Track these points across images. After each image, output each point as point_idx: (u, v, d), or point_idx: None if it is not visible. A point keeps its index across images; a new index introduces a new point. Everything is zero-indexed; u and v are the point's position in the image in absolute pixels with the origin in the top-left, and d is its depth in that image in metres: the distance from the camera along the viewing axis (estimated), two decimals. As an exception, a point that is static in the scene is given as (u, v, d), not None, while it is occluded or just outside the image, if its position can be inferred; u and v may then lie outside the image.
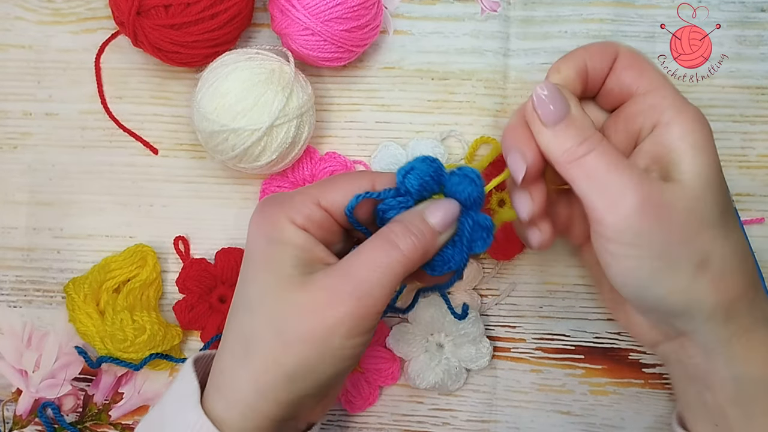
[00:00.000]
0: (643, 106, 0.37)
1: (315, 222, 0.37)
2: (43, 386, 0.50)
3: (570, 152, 0.35)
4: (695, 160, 0.35)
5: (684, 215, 0.35)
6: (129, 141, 0.51)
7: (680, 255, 0.35)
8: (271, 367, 0.35)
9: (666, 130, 0.36)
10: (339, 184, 0.38)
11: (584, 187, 0.35)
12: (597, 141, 0.35)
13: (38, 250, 0.51)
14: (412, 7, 0.51)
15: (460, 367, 0.49)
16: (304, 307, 0.35)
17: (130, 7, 0.44)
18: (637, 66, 0.38)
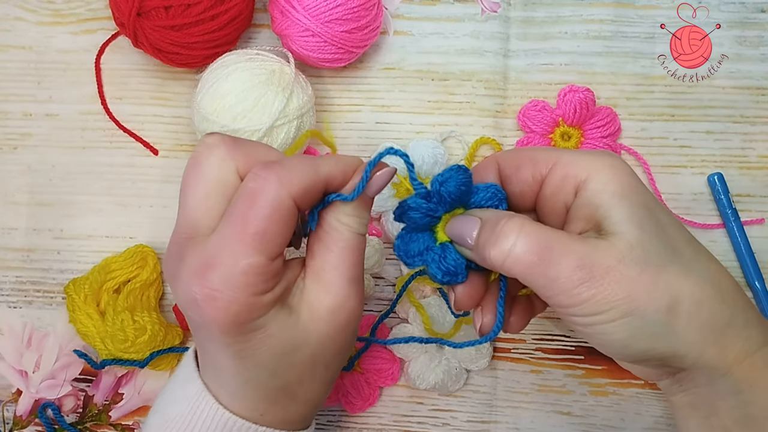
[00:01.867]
0: (555, 182, 0.36)
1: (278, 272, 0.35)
2: (44, 387, 0.50)
3: (498, 251, 0.34)
4: (621, 209, 0.34)
5: (631, 265, 0.33)
6: (129, 142, 0.51)
7: (645, 305, 0.33)
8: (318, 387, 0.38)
9: (584, 190, 0.35)
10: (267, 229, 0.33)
11: (530, 281, 0.34)
12: (515, 231, 0.34)
13: (38, 251, 0.51)
14: (412, 8, 0.51)
15: (460, 368, 0.49)
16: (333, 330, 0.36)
17: (131, 8, 0.44)
18: (524, 158, 0.37)
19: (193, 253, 0.34)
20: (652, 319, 0.33)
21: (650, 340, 0.34)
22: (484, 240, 0.34)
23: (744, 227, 0.50)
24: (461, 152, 0.50)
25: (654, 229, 0.34)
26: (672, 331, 0.34)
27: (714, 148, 0.50)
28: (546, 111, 0.49)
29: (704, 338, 0.34)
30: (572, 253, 0.33)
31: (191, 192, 0.35)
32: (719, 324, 0.34)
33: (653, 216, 0.34)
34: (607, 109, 0.50)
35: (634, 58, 0.51)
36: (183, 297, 0.34)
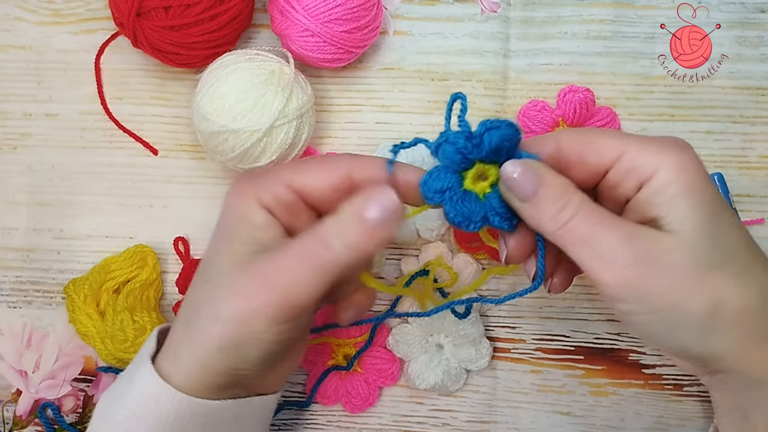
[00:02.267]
0: (619, 174, 0.36)
1: (282, 203, 0.37)
2: (43, 387, 0.50)
3: (554, 221, 0.34)
4: (681, 209, 0.34)
5: (681, 261, 0.33)
6: (129, 142, 0.51)
7: (689, 303, 0.33)
8: (205, 339, 0.36)
9: (647, 186, 0.35)
10: (313, 166, 0.38)
11: (576, 252, 0.34)
12: (578, 203, 0.34)
13: (38, 251, 0.51)
14: (412, 8, 0.51)
15: (460, 368, 0.49)
16: (237, 288, 0.36)
17: (130, 8, 0.44)
18: (590, 146, 0.36)
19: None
20: (692, 317, 0.33)
21: (689, 338, 0.34)
22: (544, 204, 0.35)
23: (744, 227, 0.49)
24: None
25: (711, 229, 0.34)
26: (711, 333, 0.34)
27: (714, 148, 0.50)
28: (546, 111, 0.49)
29: (742, 345, 0.34)
30: (626, 235, 0.33)
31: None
32: (759, 334, 0.34)
33: (714, 216, 0.34)
34: (607, 109, 0.50)
35: (634, 58, 0.50)
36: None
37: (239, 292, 0.36)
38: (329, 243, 0.35)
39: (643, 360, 0.50)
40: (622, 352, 0.50)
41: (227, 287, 0.36)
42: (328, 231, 0.35)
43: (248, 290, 0.35)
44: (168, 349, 0.39)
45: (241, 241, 0.37)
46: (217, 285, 0.37)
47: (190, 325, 0.37)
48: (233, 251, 0.37)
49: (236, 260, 0.37)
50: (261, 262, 0.36)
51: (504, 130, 0.36)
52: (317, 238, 0.35)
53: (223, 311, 0.36)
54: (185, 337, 0.38)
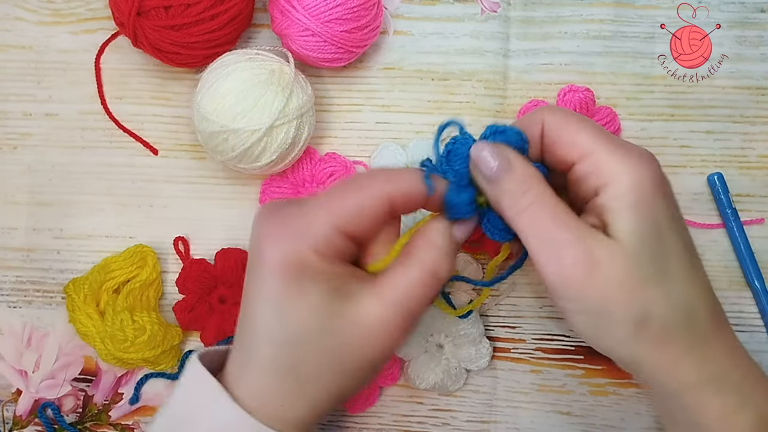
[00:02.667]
0: (582, 173, 0.37)
1: (339, 249, 0.37)
2: (43, 387, 0.50)
3: (513, 205, 0.36)
4: (629, 221, 0.35)
5: (620, 273, 0.34)
6: (129, 141, 0.51)
7: (618, 312, 0.35)
8: (327, 393, 0.37)
9: (603, 192, 0.36)
10: (353, 200, 0.36)
11: (529, 240, 0.35)
12: (538, 193, 0.36)
13: (38, 251, 0.51)
14: (412, 8, 0.51)
15: (460, 368, 0.49)
16: (361, 339, 0.36)
17: (131, 7, 0.44)
18: (565, 135, 0.37)
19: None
20: (620, 324, 0.35)
21: (614, 342, 0.36)
22: (507, 185, 0.36)
23: (744, 227, 0.50)
24: (461, 152, 0.50)
25: (653, 246, 0.35)
26: (635, 342, 0.35)
27: (714, 148, 0.50)
28: (546, 111, 0.49)
29: (662, 358, 0.36)
30: (579, 232, 0.35)
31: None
32: (678, 350, 0.36)
33: (658, 234, 0.35)
34: (607, 109, 0.50)
35: (634, 58, 0.51)
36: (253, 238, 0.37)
37: (366, 342, 0.36)
38: (439, 275, 0.37)
39: (643, 360, 0.50)
40: (622, 351, 0.50)
41: (348, 342, 0.36)
42: (437, 264, 0.37)
43: (375, 338, 0.36)
44: (265, 395, 0.37)
45: (324, 297, 0.36)
46: (329, 345, 0.36)
47: (302, 389, 0.36)
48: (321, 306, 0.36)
49: (331, 313, 0.36)
50: (373, 308, 0.36)
51: (508, 135, 0.37)
52: (432, 275, 0.37)
53: (350, 364, 0.36)
54: (295, 400, 0.37)
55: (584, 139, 0.37)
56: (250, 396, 0.37)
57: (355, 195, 0.36)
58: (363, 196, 0.36)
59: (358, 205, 0.36)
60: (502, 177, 0.36)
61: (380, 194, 0.36)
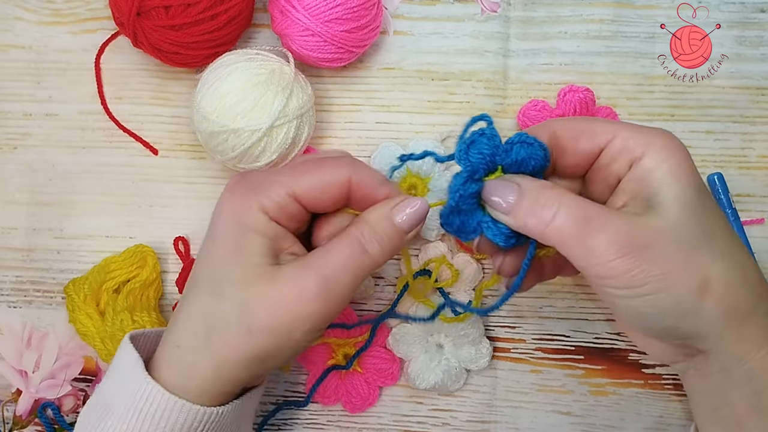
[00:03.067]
0: (612, 154, 0.37)
1: (286, 213, 0.38)
2: (43, 386, 0.50)
3: (538, 223, 0.35)
4: (671, 188, 0.35)
5: (669, 244, 0.34)
6: (129, 141, 0.51)
7: (678, 284, 0.34)
8: (232, 352, 0.37)
9: (638, 165, 0.36)
10: (314, 174, 0.39)
11: (564, 248, 0.35)
12: (557, 201, 0.35)
13: (38, 251, 0.51)
14: (412, 8, 0.51)
15: (460, 368, 0.49)
16: (272, 301, 0.36)
17: (131, 7, 0.44)
18: (583, 132, 0.38)
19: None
20: (682, 297, 0.34)
21: (677, 318, 0.35)
22: (526, 208, 0.36)
23: (744, 227, 0.50)
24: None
25: (697, 211, 0.35)
26: (699, 311, 0.35)
27: (714, 148, 0.50)
28: (546, 111, 0.49)
29: (728, 321, 0.35)
30: (611, 226, 0.34)
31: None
32: (743, 309, 0.35)
33: (700, 199, 0.36)
34: (607, 109, 0.50)
35: (634, 58, 0.51)
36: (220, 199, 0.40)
37: (276, 304, 0.36)
38: (368, 249, 0.37)
39: (643, 360, 0.50)
40: (622, 351, 0.50)
41: (258, 301, 0.37)
42: (364, 237, 0.37)
43: (286, 302, 0.36)
44: (172, 361, 0.38)
45: (257, 253, 0.37)
46: (243, 299, 0.37)
47: (210, 338, 0.37)
48: (251, 264, 0.37)
49: (258, 273, 0.37)
50: (294, 274, 0.37)
51: (535, 149, 0.37)
52: (355, 246, 0.37)
53: (257, 325, 0.36)
54: (204, 349, 0.37)
55: (605, 126, 0.37)
56: (164, 354, 0.38)
57: (317, 169, 0.39)
58: (324, 172, 0.38)
59: (318, 179, 0.38)
60: (517, 207, 0.36)
61: (341, 175, 0.38)
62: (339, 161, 0.39)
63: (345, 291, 0.37)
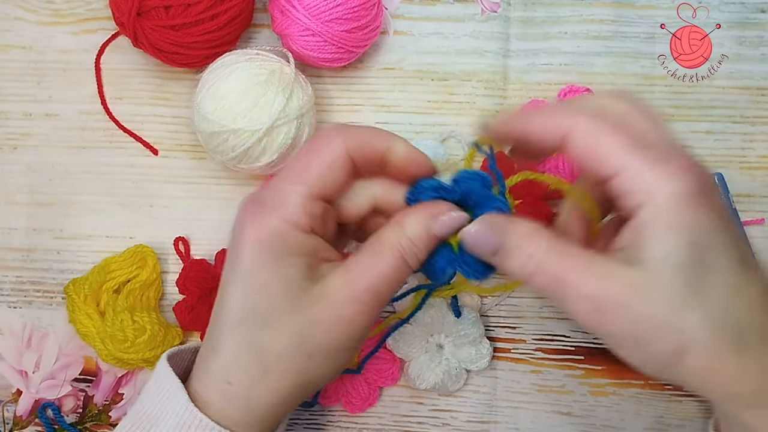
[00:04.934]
0: (618, 189, 0.34)
1: (318, 218, 0.36)
2: (43, 387, 0.50)
3: (522, 270, 0.34)
4: (663, 246, 0.32)
5: (648, 306, 0.32)
6: (129, 142, 0.51)
7: (653, 346, 0.32)
8: (292, 381, 0.36)
9: (637, 215, 0.33)
10: (314, 164, 0.36)
11: (549, 295, 0.34)
12: (543, 250, 0.33)
13: (38, 251, 0.51)
14: (412, 8, 0.51)
15: (460, 368, 0.49)
16: (329, 321, 0.35)
17: (131, 7, 0.44)
18: (596, 149, 0.34)
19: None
20: (658, 355, 0.33)
21: (661, 368, 0.34)
22: (510, 257, 0.34)
23: (744, 227, 0.50)
24: (461, 152, 0.50)
25: (688, 270, 0.32)
26: (678, 370, 0.33)
27: (714, 148, 0.50)
28: (546, 111, 0.49)
29: (712, 381, 0.33)
30: (585, 288, 0.33)
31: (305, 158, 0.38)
32: (732, 371, 0.33)
33: (698, 254, 0.32)
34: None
35: (634, 58, 0.51)
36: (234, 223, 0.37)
37: (332, 324, 0.35)
38: (409, 262, 0.36)
39: (643, 360, 0.50)
40: (622, 352, 0.50)
41: (315, 325, 0.35)
42: (406, 251, 0.36)
43: (340, 321, 0.35)
44: (224, 396, 0.37)
45: (299, 277, 0.36)
46: (298, 327, 0.35)
47: (268, 373, 0.36)
48: (297, 289, 0.36)
49: (307, 297, 0.36)
50: (340, 290, 0.35)
51: (474, 182, 0.36)
52: (398, 258, 0.36)
53: (317, 349, 0.36)
54: (261, 383, 0.36)
55: (618, 152, 0.33)
56: (212, 388, 0.37)
57: (316, 159, 0.37)
58: (323, 158, 0.36)
59: (321, 167, 0.36)
60: (503, 254, 0.35)
61: (338, 151, 0.36)
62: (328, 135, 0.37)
63: (386, 301, 0.36)
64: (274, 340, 0.36)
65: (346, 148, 0.36)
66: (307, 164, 0.37)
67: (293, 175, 0.37)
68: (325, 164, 0.36)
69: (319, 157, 0.36)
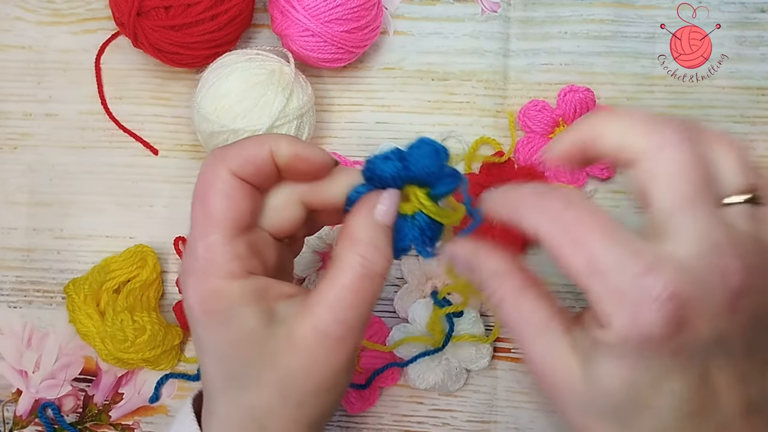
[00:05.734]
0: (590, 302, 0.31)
1: (249, 255, 0.33)
2: (43, 387, 0.50)
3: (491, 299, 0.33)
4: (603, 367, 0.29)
5: (576, 406, 0.31)
6: (129, 141, 0.51)
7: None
8: (292, 428, 0.34)
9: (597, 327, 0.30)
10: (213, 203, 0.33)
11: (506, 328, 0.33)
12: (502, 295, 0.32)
13: (38, 251, 0.51)
14: (412, 8, 0.51)
15: (461, 368, 0.49)
16: (303, 369, 0.33)
17: (131, 8, 0.44)
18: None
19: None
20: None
21: None
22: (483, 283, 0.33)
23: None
24: (461, 152, 0.50)
25: (620, 405, 0.30)
26: None
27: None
28: (546, 111, 0.49)
29: None
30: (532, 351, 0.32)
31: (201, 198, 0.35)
32: None
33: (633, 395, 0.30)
34: (608, 108, 0.50)
35: (634, 58, 0.51)
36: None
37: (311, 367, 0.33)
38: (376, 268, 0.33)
39: (643, 360, 0.50)
40: (622, 351, 0.50)
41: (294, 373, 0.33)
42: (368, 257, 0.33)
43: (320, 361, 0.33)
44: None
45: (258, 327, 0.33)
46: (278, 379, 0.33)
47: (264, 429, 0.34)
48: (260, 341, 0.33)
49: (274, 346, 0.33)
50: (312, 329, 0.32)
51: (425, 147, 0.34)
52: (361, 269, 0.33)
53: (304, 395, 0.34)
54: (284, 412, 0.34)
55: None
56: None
57: (209, 199, 0.33)
58: (215, 194, 0.33)
59: (218, 205, 0.33)
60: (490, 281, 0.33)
61: (225, 178, 0.33)
62: (207, 167, 0.34)
63: (366, 319, 0.33)
64: (259, 397, 0.34)
65: (230, 172, 0.33)
66: (205, 209, 0.33)
67: (198, 228, 0.33)
68: (220, 199, 0.33)
69: (211, 196, 0.33)
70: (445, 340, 0.48)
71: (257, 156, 0.33)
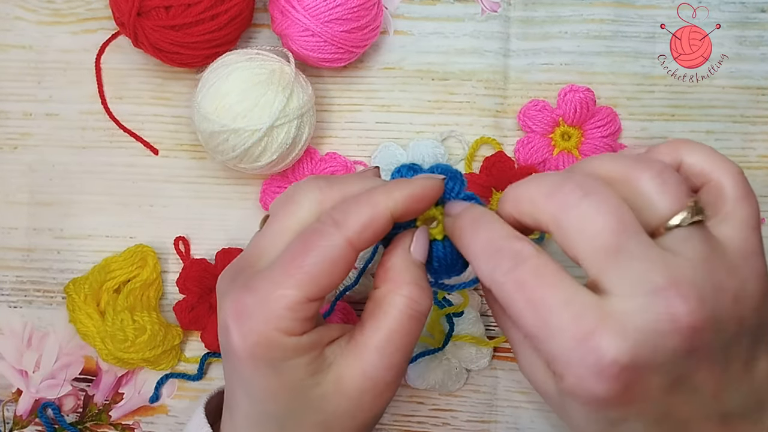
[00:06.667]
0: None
1: (312, 318, 0.32)
2: (44, 386, 0.50)
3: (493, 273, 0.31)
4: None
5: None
6: (129, 141, 0.51)
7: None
8: None
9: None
10: (314, 262, 0.31)
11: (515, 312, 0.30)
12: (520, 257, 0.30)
13: (38, 251, 0.51)
14: (412, 8, 0.51)
15: (461, 368, 0.49)
16: (348, 413, 0.33)
17: (131, 7, 0.44)
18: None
19: (242, 277, 0.33)
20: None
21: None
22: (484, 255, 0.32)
23: (744, 227, 0.49)
24: (461, 152, 0.50)
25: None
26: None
27: (714, 148, 0.50)
28: (546, 111, 0.49)
29: None
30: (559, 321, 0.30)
31: (272, 225, 0.34)
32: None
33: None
34: (608, 108, 0.50)
35: (635, 58, 0.51)
36: (219, 316, 0.33)
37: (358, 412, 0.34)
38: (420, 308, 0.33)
39: (644, 360, 0.50)
40: (623, 351, 0.50)
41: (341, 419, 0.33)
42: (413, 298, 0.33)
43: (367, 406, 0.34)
44: None
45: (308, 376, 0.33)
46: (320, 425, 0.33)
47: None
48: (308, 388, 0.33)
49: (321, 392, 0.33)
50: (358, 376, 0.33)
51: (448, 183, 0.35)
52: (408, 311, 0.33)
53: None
54: None
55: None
56: None
57: (313, 255, 0.31)
58: (321, 254, 0.31)
59: (319, 266, 0.31)
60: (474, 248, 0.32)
61: (340, 245, 0.31)
62: (324, 229, 0.32)
63: (409, 360, 0.34)
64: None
65: (347, 240, 0.31)
66: (299, 261, 0.31)
67: (279, 270, 0.32)
68: (323, 265, 0.31)
69: (315, 255, 0.31)
70: (445, 340, 0.48)
71: (378, 223, 0.32)
